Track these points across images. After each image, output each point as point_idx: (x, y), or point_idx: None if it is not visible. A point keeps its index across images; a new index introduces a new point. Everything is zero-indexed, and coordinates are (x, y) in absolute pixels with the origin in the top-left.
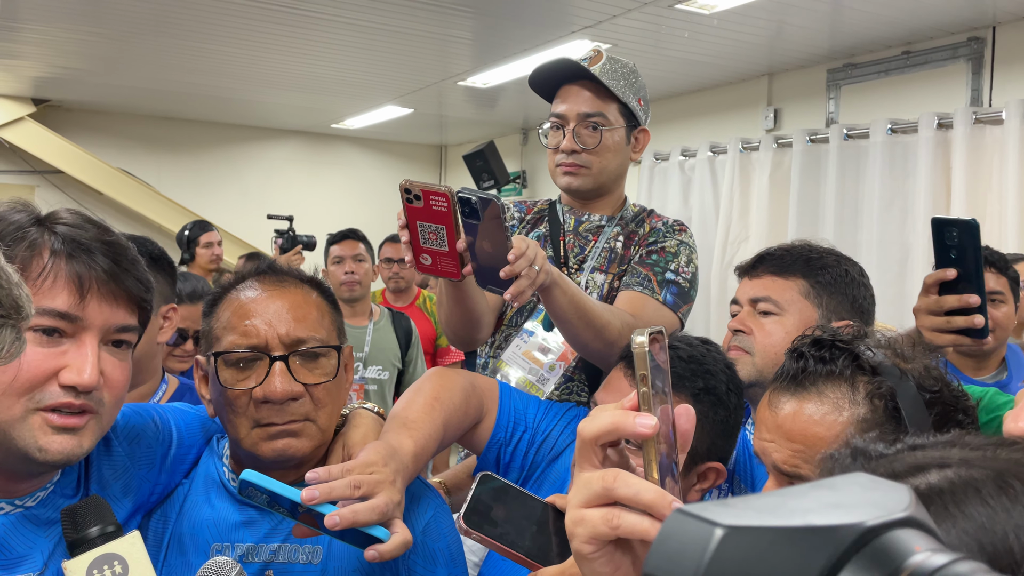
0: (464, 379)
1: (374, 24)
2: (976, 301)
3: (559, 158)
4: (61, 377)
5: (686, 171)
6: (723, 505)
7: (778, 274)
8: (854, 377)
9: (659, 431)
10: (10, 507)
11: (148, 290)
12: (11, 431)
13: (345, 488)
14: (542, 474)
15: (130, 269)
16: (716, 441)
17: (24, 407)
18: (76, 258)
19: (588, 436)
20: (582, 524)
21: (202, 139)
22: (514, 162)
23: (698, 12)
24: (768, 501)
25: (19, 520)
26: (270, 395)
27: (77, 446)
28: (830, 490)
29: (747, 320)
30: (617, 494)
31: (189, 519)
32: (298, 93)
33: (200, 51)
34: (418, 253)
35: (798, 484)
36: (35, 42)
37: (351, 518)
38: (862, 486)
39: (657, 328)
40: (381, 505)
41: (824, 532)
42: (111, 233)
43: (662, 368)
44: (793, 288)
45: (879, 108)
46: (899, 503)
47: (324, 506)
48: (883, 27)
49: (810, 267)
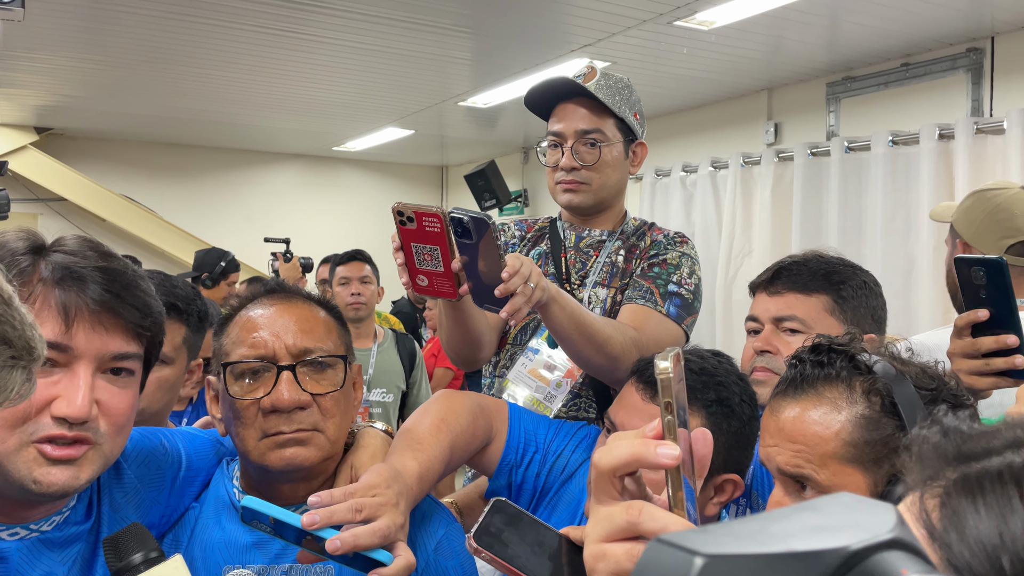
0: (472, 401)
1: (374, 47)
2: (1015, 342)
3: (558, 176)
4: (52, 408)
5: (687, 187)
6: (703, 532)
7: (801, 291)
8: (851, 377)
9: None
10: (25, 531)
11: (147, 316)
12: (7, 463)
13: (347, 512)
14: (555, 495)
15: (125, 296)
16: (732, 452)
17: (18, 440)
18: (65, 286)
19: (606, 468)
20: (604, 559)
21: (204, 164)
22: (515, 181)
23: (697, 28)
24: (750, 527)
25: (34, 545)
26: (277, 403)
27: (74, 478)
28: (813, 512)
29: (772, 340)
30: (643, 528)
31: (200, 542)
32: (299, 117)
33: (201, 77)
34: (414, 275)
35: (804, 489)
36: (38, 71)
37: (352, 542)
38: (846, 506)
39: (675, 350)
40: (383, 528)
41: (807, 558)
42: (111, 259)
43: (682, 392)
44: (818, 305)
45: (879, 120)
46: (884, 524)
47: (326, 530)
48: (881, 40)
49: (831, 282)
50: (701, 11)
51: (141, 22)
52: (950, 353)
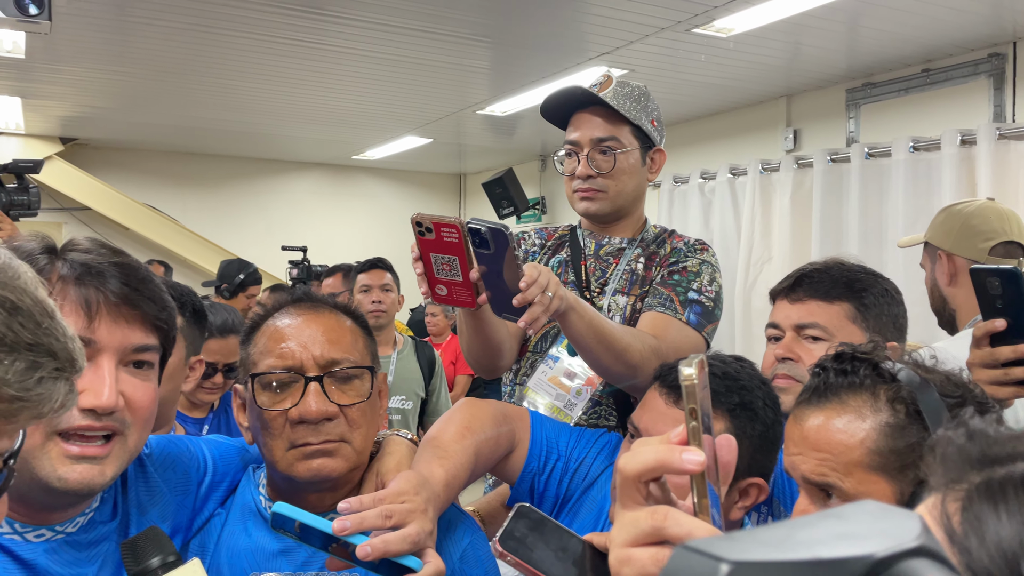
0: (495, 408)
1: (393, 56)
2: None
3: (575, 184)
4: (80, 401)
5: (706, 194)
6: (729, 539)
7: (823, 299)
8: (875, 386)
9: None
10: (51, 533)
11: (164, 309)
12: (32, 460)
13: (376, 518)
14: (577, 501)
15: (142, 289)
16: (756, 456)
17: (43, 433)
18: (84, 282)
19: (631, 473)
20: (629, 564)
21: (225, 173)
22: (533, 188)
23: (715, 36)
24: (775, 533)
25: (60, 546)
26: (305, 415)
27: (99, 474)
28: (839, 520)
29: (794, 347)
30: (668, 533)
31: (227, 548)
32: (319, 126)
33: (223, 88)
34: (433, 284)
35: (830, 498)
36: (63, 82)
37: (382, 548)
38: (872, 514)
39: (700, 356)
40: (413, 534)
41: (832, 565)
42: (123, 255)
43: (707, 398)
44: (840, 313)
45: (900, 126)
46: (910, 532)
47: (356, 537)
48: (901, 45)
49: (853, 289)
50: (719, 18)
51: (165, 34)
52: (969, 364)
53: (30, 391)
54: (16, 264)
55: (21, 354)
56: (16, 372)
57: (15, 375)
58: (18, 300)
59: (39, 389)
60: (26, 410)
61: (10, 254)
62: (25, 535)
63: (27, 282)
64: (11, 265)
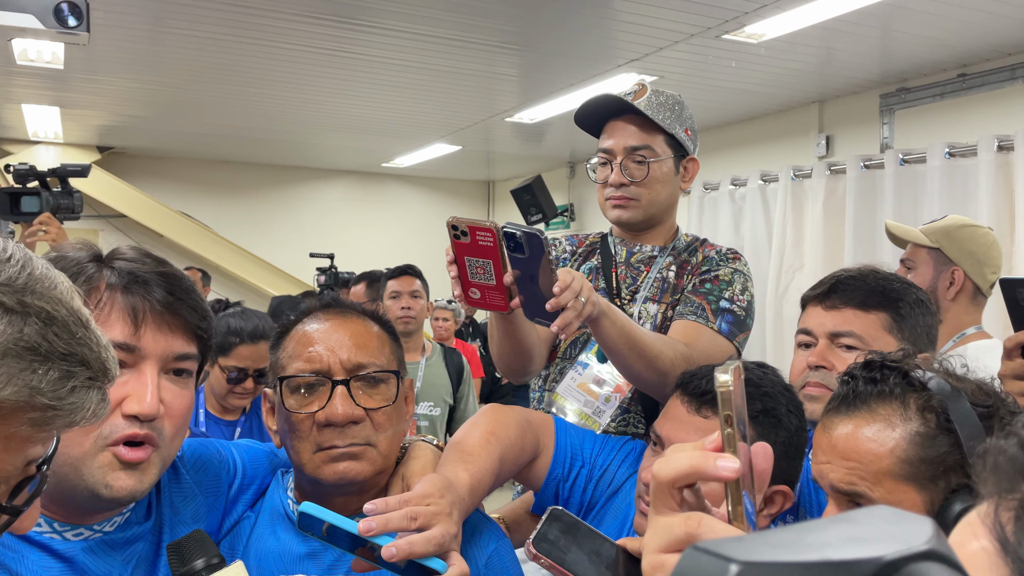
0: (519, 414)
1: (423, 65)
2: None
3: (608, 192)
4: (124, 407)
5: (736, 200)
6: (739, 541)
7: (860, 308)
8: (905, 394)
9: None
10: (89, 532)
11: (204, 319)
12: (81, 467)
13: (402, 519)
14: (602, 509)
15: (185, 299)
16: (780, 464)
17: (93, 444)
18: (131, 290)
19: (665, 479)
20: (662, 570)
21: (257, 181)
22: (561, 195)
23: (745, 42)
24: (786, 536)
25: (97, 545)
26: (332, 418)
27: (139, 483)
28: (849, 523)
29: (828, 355)
30: (702, 539)
31: (256, 551)
32: (350, 134)
33: (256, 96)
34: (467, 287)
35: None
36: (101, 92)
37: (407, 549)
38: (883, 519)
39: (736, 363)
40: (438, 536)
41: (841, 567)
42: (167, 264)
43: (743, 406)
44: (876, 322)
45: (935, 132)
46: (920, 536)
47: (381, 538)
48: (937, 50)
49: (889, 299)
50: (750, 24)
51: (200, 44)
52: (1000, 375)
53: (63, 400)
54: (53, 275)
55: (55, 363)
56: (50, 381)
57: (49, 384)
58: (53, 310)
59: (72, 398)
60: (59, 418)
61: (48, 264)
62: (64, 534)
63: (63, 292)
64: (48, 276)
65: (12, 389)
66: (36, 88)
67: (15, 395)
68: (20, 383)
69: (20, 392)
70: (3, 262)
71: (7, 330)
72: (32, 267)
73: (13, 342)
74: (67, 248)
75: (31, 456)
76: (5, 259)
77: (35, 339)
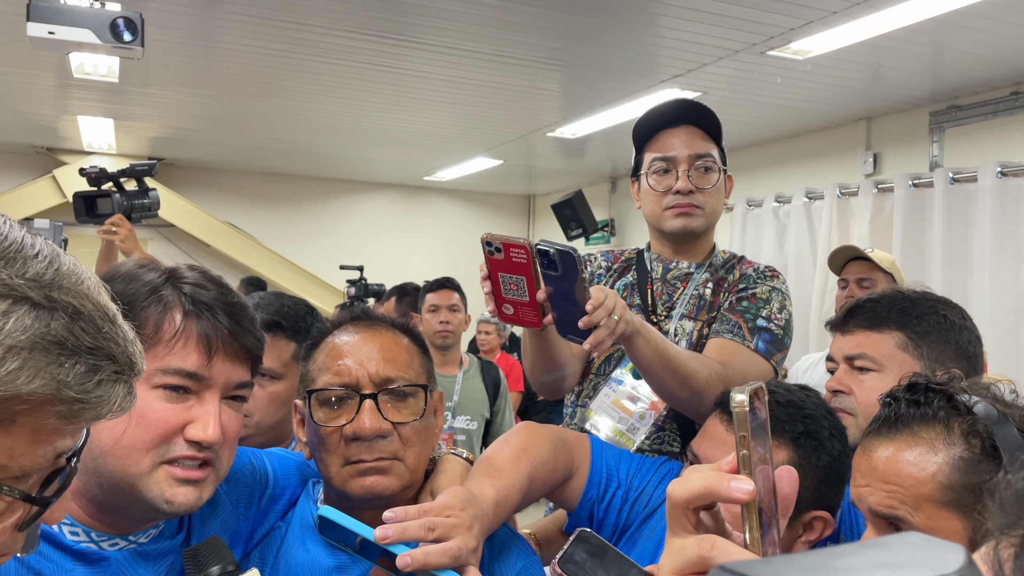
0: (553, 433)
1: (466, 80)
2: None
3: (670, 200)
4: (187, 432)
5: (780, 217)
6: (766, 563)
7: (871, 328)
8: (948, 418)
9: (758, 495)
10: (125, 543)
11: (261, 344)
12: (139, 484)
13: (419, 529)
14: (636, 531)
15: (249, 328)
16: (820, 488)
17: (151, 461)
18: (203, 317)
19: (679, 500)
20: None
21: (302, 193)
22: (602, 210)
23: (791, 58)
24: (813, 560)
25: (132, 555)
26: (359, 432)
27: (197, 498)
28: (880, 549)
29: (845, 379)
30: (714, 563)
31: (285, 562)
32: (393, 147)
33: (301, 110)
34: (500, 303)
35: (898, 532)
36: (153, 105)
37: (422, 559)
38: (914, 545)
39: (757, 384)
40: (454, 549)
41: None
42: (231, 291)
43: (763, 427)
44: (888, 341)
45: (987, 151)
46: (952, 563)
47: (398, 547)
48: (989, 68)
49: (905, 317)
50: (796, 40)
51: (248, 59)
52: None
53: (90, 393)
54: (80, 270)
55: (82, 357)
56: (77, 375)
57: (75, 378)
58: (80, 305)
59: (98, 391)
60: (87, 411)
61: (75, 260)
62: (100, 543)
63: (90, 287)
64: (75, 271)
65: (40, 382)
66: (91, 100)
67: (43, 388)
68: (47, 376)
69: (47, 385)
70: (31, 258)
71: (34, 324)
72: (59, 263)
73: (40, 336)
74: (130, 268)
75: (60, 448)
76: (32, 255)
77: (62, 333)
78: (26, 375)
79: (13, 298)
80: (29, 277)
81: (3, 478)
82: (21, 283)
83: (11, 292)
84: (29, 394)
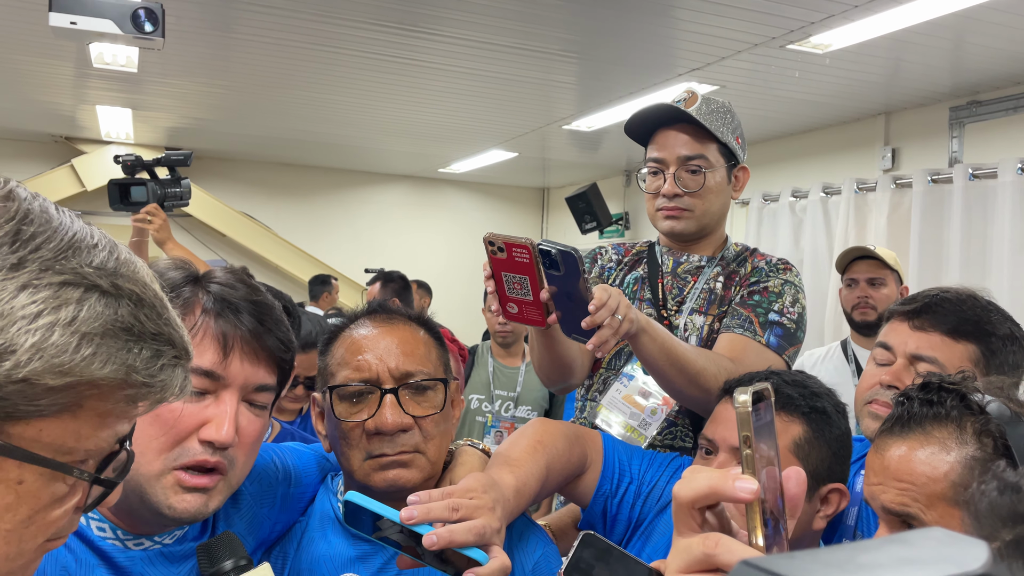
0: (567, 427)
1: (481, 72)
2: None
3: (659, 202)
4: (201, 432)
5: (797, 212)
6: (791, 558)
7: (951, 336)
8: (961, 417)
9: (764, 495)
10: (150, 543)
11: (288, 350)
12: (147, 486)
13: (443, 510)
14: (650, 525)
15: (273, 329)
16: (833, 461)
17: (163, 464)
18: (223, 316)
19: (684, 500)
20: None
21: (317, 184)
22: (617, 204)
23: (810, 52)
24: (837, 555)
25: (156, 556)
26: (381, 426)
27: (203, 506)
28: (903, 545)
29: (903, 376)
30: (718, 561)
31: (307, 554)
32: (408, 139)
33: (317, 101)
34: (504, 302)
35: (911, 529)
36: (171, 95)
37: (448, 537)
38: (938, 541)
39: (763, 384)
40: (479, 526)
41: None
42: (259, 292)
43: (768, 428)
44: (964, 354)
45: (1007, 146)
46: (976, 559)
47: (423, 528)
48: (1010, 63)
49: (982, 331)
50: (816, 34)
51: (265, 50)
52: None
53: (155, 377)
54: (135, 259)
55: (147, 343)
56: (143, 360)
57: (143, 362)
58: (142, 292)
59: (162, 376)
60: (152, 395)
61: (128, 248)
62: (126, 543)
63: (145, 276)
64: (131, 260)
65: (112, 368)
66: (110, 90)
67: (114, 373)
68: (118, 362)
69: (118, 370)
70: (92, 247)
71: (105, 311)
72: (118, 252)
73: (111, 323)
74: (161, 267)
75: (120, 433)
76: (93, 244)
77: (129, 320)
78: (99, 361)
79: (84, 287)
80: (96, 266)
81: (70, 460)
82: (90, 271)
83: (82, 281)
84: (102, 379)
